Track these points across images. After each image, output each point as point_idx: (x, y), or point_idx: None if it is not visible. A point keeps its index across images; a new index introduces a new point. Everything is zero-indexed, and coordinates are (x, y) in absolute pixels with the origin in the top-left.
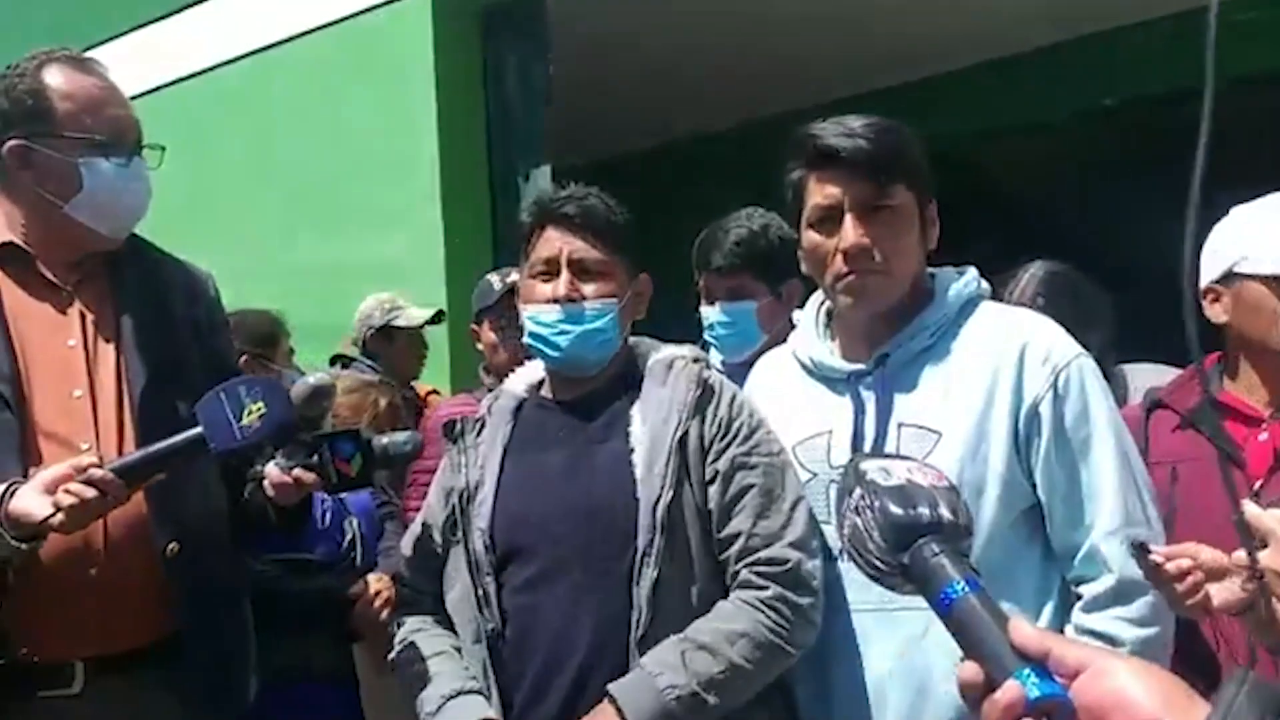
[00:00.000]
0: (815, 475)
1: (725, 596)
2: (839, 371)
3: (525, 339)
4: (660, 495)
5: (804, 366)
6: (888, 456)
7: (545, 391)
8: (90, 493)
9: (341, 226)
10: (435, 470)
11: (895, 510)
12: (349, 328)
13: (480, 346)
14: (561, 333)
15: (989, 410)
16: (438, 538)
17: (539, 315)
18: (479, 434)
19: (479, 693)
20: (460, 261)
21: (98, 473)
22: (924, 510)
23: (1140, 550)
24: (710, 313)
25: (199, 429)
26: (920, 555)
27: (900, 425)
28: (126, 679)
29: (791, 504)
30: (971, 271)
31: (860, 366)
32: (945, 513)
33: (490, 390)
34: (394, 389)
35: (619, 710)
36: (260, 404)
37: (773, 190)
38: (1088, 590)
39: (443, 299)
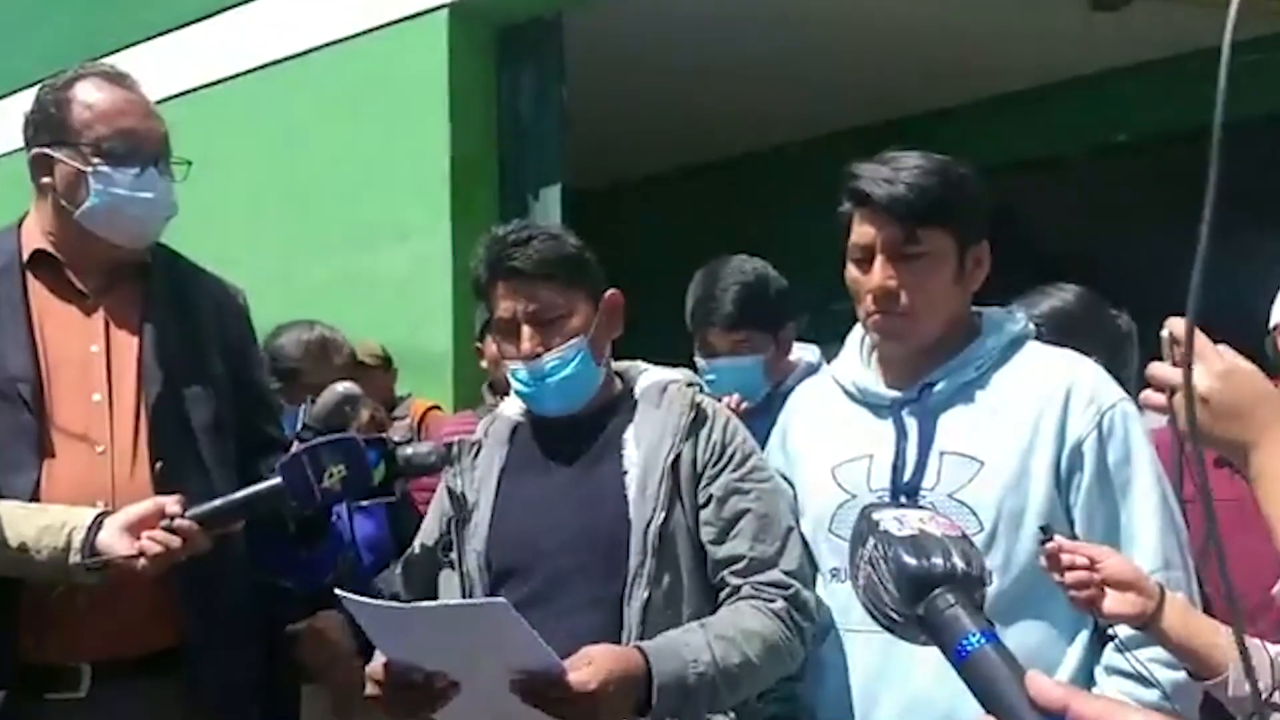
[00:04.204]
0: (854, 497)
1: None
2: (883, 398)
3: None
4: (652, 518)
5: (846, 391)
6: (901, 506)
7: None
8: (175, 542)
9: (351, 242)
10: (433, 489)
11: (909, 561)
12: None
13: (484, 364)
14: (537, 389)
15: (1032, 445)
16: (435, 558)
17: (514, 372)
18: (476, 456)
19: None
20: (468, 278)
21: (182, 523)
22: (938, 560)
23: (1043, 534)
24: (709, 366)
25: (278, 480)
26: (935, 606)
27: (942, 453)
28: (133, 685)
29: (785, 531)
30: (1019, 312)
31: (904, 394)
32: (959, 563)
33: (493, 408)
34: (375, 405)
35: (647, 663)
36: (341, 466)
37: (788, 216)
38: (1122, 630)
39: (449, 317)
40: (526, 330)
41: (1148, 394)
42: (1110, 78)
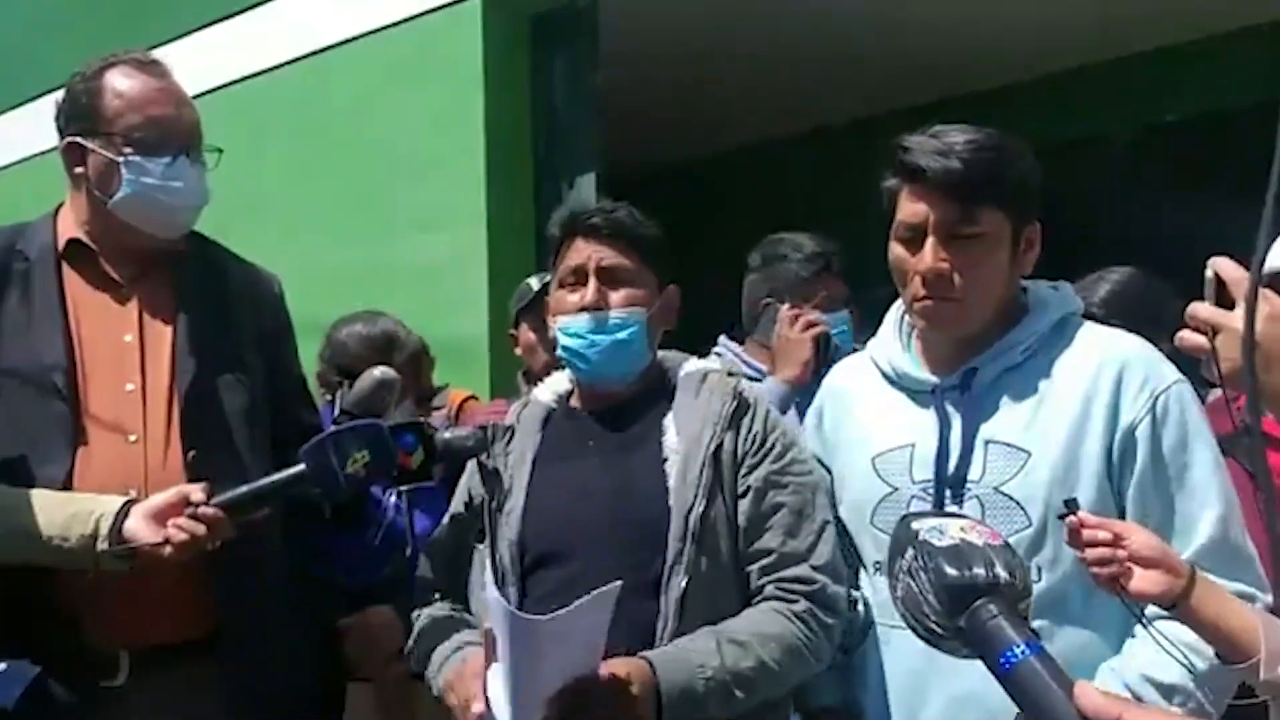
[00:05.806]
0: (896, 489)
1: (747, 607)
2: (924, 383)
3: (557, 351)
4: (693, 505)
5: (885, 375)
6: (941, 515)
7: (574, 402)
8: (200, 530)
9: (387, 231)
10: None
11: (950, 571)
12: None
13: (519, 351)
14: (590, 344)
15: (1082, 432)
16: (461, 541)
17: (568, 325)
18: (508, 443)
19: None
20: (504, 266)
21: (208, 511)
22: (980, 571)
23: (1067, 507)
24: (842, 316)
25: (302, 466)
26: (978, 618)
27: (988, 443)
28: (170, 672)
29: (820, 526)
30: (1066, 288)
31: (946, 380)
32: (1002, 573)
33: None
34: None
35: (654, 674)
36: (365, 453)
37: (828, 199)
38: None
39: (485, 303)
40: (594, 282)
41: (1185, 334)
42: (1155, 58)
